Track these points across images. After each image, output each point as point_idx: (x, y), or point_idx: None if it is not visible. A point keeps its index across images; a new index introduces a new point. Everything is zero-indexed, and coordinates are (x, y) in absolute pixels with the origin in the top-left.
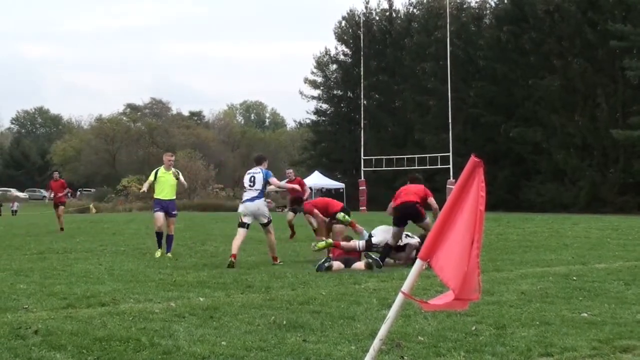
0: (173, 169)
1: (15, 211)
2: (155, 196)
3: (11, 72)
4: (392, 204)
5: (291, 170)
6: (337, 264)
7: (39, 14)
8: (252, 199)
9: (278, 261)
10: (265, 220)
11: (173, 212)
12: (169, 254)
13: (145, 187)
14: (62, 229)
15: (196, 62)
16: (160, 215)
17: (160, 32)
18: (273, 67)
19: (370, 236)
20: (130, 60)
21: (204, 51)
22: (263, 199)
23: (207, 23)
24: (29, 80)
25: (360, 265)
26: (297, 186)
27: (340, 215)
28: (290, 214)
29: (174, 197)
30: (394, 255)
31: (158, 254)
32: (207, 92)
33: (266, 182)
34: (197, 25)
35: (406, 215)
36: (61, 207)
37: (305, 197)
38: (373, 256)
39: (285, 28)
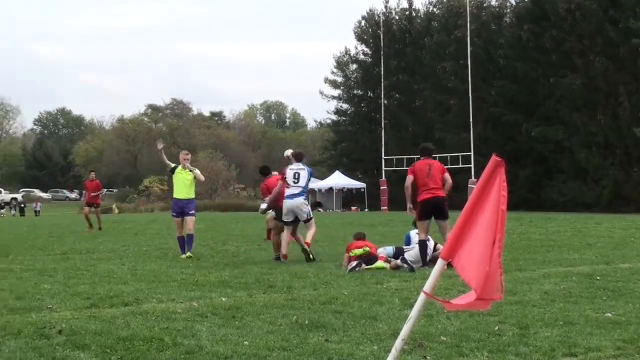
0: (188, 165)
1: (38, 211)
2: (174, 196)
3: (33, 73)
4: (409, 177)
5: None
6: (355, 262)
7: (59, 15)
8: (292, 196)
9: (310, 247)
10: (305, 217)
11: (190, 212)
12: (189, 253)
13: (163, 154)
14: (100, 228)
15: (217, 62)
16: (178, 221)
17: (181, 32)
18: (293, 67)
19: (398, 248)
20: (151, 60)
21: (225, 52)
22: (304, 196)
23: (228, 24)
24: (51, 82)
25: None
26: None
27: (360, 251)
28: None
29: (192, 197)
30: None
31: (184, 257)
32: (228, 92)
33: (309, 180)
34: (218, 26)
35: (434, 212)
36: (97, 208)
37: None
38: (409, 261)
39: (305, 28)
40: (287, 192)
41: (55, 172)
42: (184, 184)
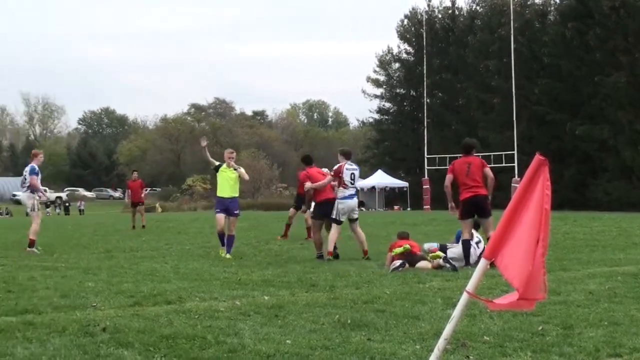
0: (233, 164)
1: (82, 210)
2: (218, 194)
3: (78, 73)
4: (449, 177)
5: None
6: (399, 262)
7: (103, 16)
8: (351, 197)
9: (367, 255)
10: (356, 216)
11: (235, 212)
12: (228, 255)
13: (206, 152)
14: (143, 226)
15: (259, 62)
16: (221, 217)
17: (223, 32)
18: (335, 66)
19: (442, 245)
20: (194, 60)
21: (267, 51)
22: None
23: (269, 23)
24: (95, 81)
25: (425, 264)
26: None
27: (400, 249)
28: (293, 211)
29: (236, 195)
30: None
31: (227, 256)
32: (270, 91)
33: None
34: (260, 26)
35: (476, 210)
36: (141, 207)
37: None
38: (451, 261)
39: (347, 27)
40: (346, 192)
41: (99, 171)
42: (228, 182)
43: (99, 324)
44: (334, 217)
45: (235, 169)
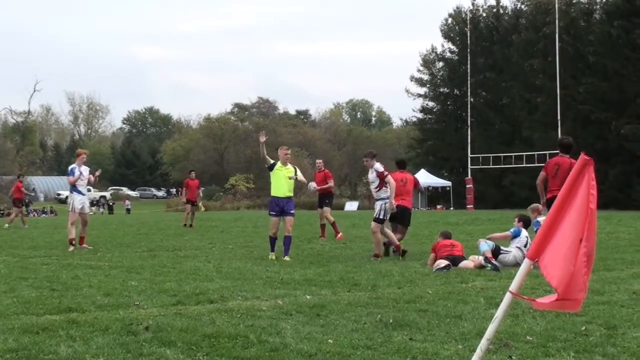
0: (290, 165)
1: (129, 209)
2: (273, 194)
3: (122, 73)
4: (542, 174)
5: (320, 161)
6: (444, 263)
7: (148, 16)
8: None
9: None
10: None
11: (290, 211)
12: (287, 258)
13: (264, 148)
14: (191, 225)
15: (302, 61)
16: (276, 220)
17: (266, 32)
18: (379, 66)
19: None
20: (237, 60)
21: (310, 50)
22: None
23: (312, 23)
24: (139, 81)
25: (467, 263)
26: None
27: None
28: (327, 209)
29: (292, 195)
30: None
31: (272, 256)
32: (313, 91)
33: None
34: (302, 25)
35: None
36: (195, 207)
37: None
38: (494, 262)
39: (390, 26)
40: (388, 192)
41: (143, 171)
42: (285, 181)
43: (141, 323)
44: (379, 216)
45: (294, 168)
